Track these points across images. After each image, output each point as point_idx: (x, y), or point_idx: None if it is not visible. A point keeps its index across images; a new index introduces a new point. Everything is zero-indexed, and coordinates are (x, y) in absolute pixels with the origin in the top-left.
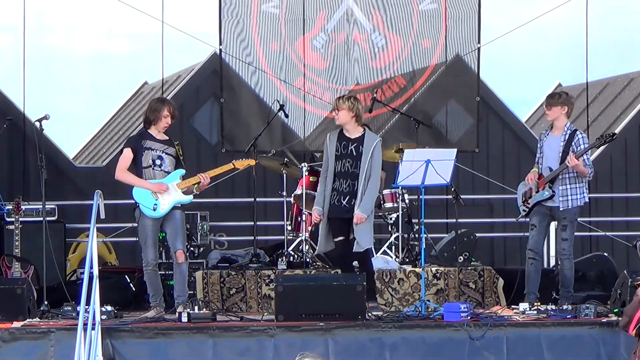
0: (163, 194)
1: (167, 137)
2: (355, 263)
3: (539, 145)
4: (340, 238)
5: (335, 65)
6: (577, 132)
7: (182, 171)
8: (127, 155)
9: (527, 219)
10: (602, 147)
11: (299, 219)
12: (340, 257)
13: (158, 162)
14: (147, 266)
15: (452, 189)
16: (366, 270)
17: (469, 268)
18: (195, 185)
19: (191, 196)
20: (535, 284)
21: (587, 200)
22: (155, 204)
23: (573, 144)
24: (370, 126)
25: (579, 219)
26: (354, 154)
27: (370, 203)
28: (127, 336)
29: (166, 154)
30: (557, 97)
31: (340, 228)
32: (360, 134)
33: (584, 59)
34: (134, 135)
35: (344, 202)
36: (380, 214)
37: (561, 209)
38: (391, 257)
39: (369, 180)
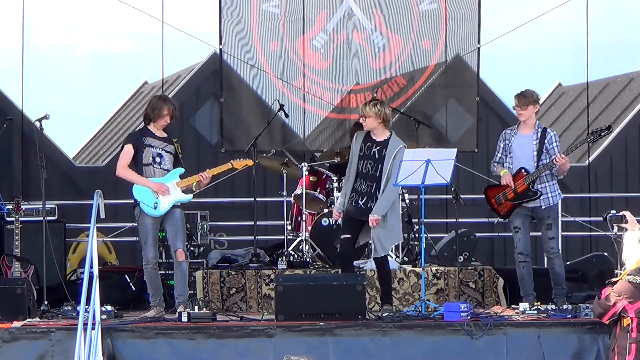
0: (164, 193)
1: (166, 135)
2: (355, 262)
3: (502, 145)
4: (347, 236)
5: (335, 65)
6: (548, 130)
7: (181, 170)
8: (128, 151)
9: (507, 220)
10: (602, 147)
11: (299, 219)
12: (341, 255)
13: (158, 159)
14: (147, 265)
15: (452, 189)
16: (383, 273)
17: (469, 268)
18: (195, 184)
19: (190, 195)
20: (531, 285)
21: (561, 196)
22: (156, 203)
23: (546, 141)
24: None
25: (579, 219)
26: (377, 156)
27: (384, 205)
28: (127, 336)
29: (165, 151)
30: (530, 96)
31: (350, 226)
32: (385, 138)
33: (584, 59)
34: (135, 131)
35: (361, 203)
36: None
37: (543, 208)
38: (391, 256)
39: (388, 183)
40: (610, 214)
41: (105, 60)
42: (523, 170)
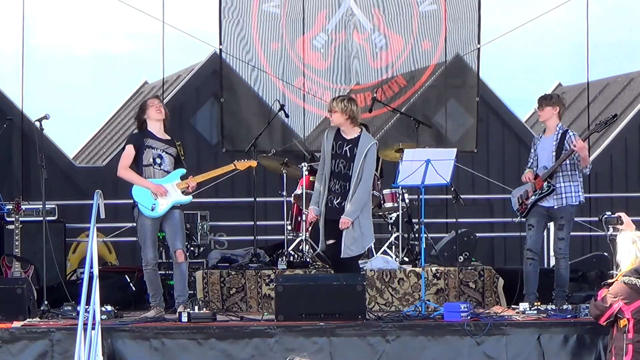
0: (162, 194)
1: (169, 137)
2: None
3: (532, 150)
4: (332, 241)
5: (335, 65)
6: (569, 132)
7: (183, 171)
8: (129, 152)
9: (524, 219)
10: (602, 147)
11: (299, 219)
12: (333, 260)
13: (158, 160)
14: (146, 265)
15: (452, 189)
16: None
17: (469, 268)
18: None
19: (190, 197)
20: (534, 284)
21: (582, 199)
22: (154, 204)
23: (565, 142)
24: (368, 127)
25: (579, 219)
26: (348, 155)
27: (356, 207)
28: (127, 336)
29: (167, 153)
30: (549, 98)
31: (332, 230)
32: (356, 135)
33: (584, 59)
34: (137, 132)
35: (335, 203)
36: (380, 213)
37: (556, 208)
38: (391, 257)
39: (359, 183)
40: (605, 215)
41: (105, 60)
42: (544, 169)
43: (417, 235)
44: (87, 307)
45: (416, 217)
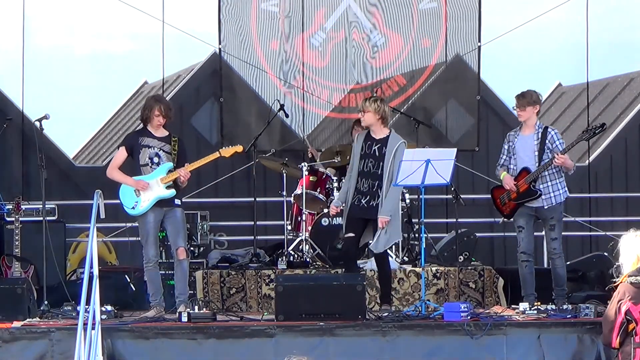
0: (145, 191)
1: (167, 134)
2: (358, 262)
3: (506, 147)
4: (350, 235)
5: (334, 64)
6: (549, 129)
7: (169, 165)
8: (121, 153)
9: (511, 220)
10: (602, 147)
11: (299, 218)
12: (345, 254)
13: (155, 159)
14: (147, 263)
15: (452, 189)
16: (383, 272)
17: (469, 268)
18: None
19: (172, 190)
20: (532, 285)
21: (568, 194)
22: (136, 202)
23: (547, 141)
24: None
25: (579, 219)
26: (377, 154)
27: (391, 205)
28: (127, 336)
29: (163, 151)
30: (530, 97)
31: (353, 226)
32: (385, 135)
33: (584, 59)
34: (133, 132)
35: (363, 202)
36: None
37: (546, 207)
38: (391, 256)
39: (391, 182)
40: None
41: (105, 60)
42: (525, 170)
43: (417, 235)
44: (87, 307)
45: (416, 217)
